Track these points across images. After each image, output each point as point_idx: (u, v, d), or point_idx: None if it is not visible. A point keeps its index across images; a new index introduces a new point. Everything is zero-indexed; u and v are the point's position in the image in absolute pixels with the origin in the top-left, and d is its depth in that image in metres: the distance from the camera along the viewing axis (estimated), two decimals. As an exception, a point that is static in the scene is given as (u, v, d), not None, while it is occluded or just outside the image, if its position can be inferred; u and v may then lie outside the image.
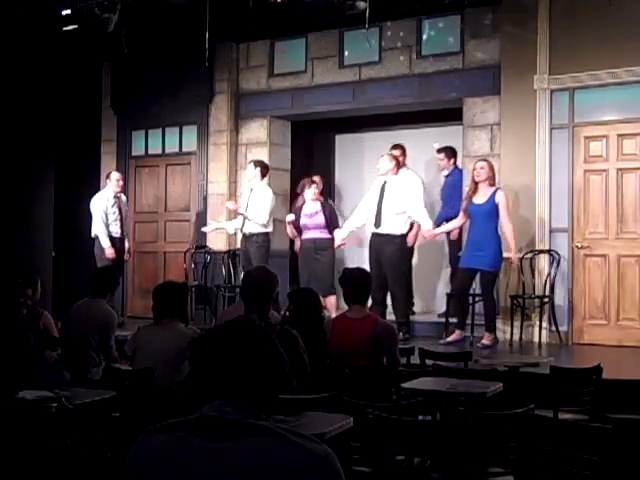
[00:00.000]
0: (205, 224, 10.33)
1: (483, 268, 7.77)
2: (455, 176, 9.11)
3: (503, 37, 8.70)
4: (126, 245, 9.97)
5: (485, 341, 7.77)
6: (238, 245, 10.31)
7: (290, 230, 9.12)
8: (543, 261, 8.36)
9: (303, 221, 8.82)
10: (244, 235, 9.17)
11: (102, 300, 6.23)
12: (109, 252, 9.50)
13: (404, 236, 8.22)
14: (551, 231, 8.37)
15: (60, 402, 3.89)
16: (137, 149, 11.22)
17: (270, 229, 9.14)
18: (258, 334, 1.93)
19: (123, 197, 9.99)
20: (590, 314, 8.19)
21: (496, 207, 7.76)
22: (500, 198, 7.77)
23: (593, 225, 8.24)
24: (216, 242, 10.33)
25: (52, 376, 5.26)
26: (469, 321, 8.23)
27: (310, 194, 8.93)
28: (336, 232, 8.59)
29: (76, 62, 10.54)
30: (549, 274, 8.26)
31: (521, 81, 8.46)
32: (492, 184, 7.89)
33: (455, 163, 9.25)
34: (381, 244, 8.17)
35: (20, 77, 10.23)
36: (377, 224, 8.23)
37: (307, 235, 8.82)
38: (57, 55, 10.11)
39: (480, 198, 7.83)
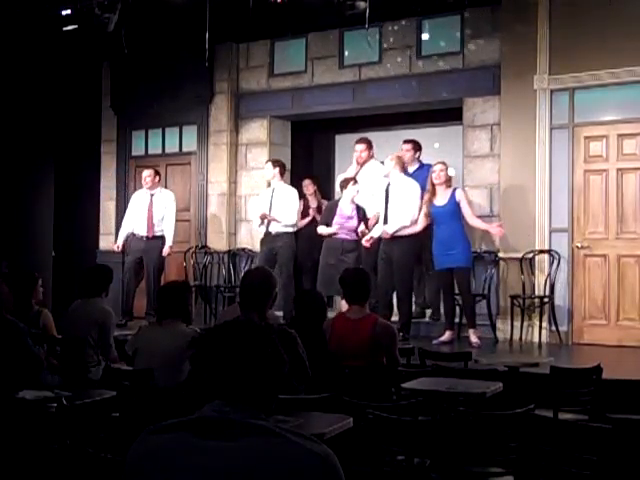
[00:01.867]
0: (205, 224, 10.36)
1: (457, 265, 7.82)
2: (424, 173, 8.62)
3: (503, 37, 8.70)
4: (166, 245, 9.51)
5: (473, 339, 7.75)
6: (238, 245, 10.32)
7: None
8: (543, 261, 8.36)
9: (337, 220, 8.42)
10: (269, 234, 8.92)
11: (98, 299, 6.21)
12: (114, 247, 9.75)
13: (413, 236, 8.16)
14: (551, 231, 8.37)
15: (60, 402, 3.89)
16: (137, 149, 11.22)
17: (296, 229, 9.07)
18: (258, 334, 1.93)
19: (162, 194, 9.71)
20: (590, 314, 8.19)
21: (458, 206, 7.85)
22: (460, 196, 7.89)
23: (593, 225, 8.24)
24: (216, 242, 10.34)
25: (44, 378, 5.27)
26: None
27: (351, 193, 8.48)
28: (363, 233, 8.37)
29: (76, 62, 10.54)
30: (549, 274, 8.26)
31: (521, 81, 8.46)
32: (449, 185, 7.96)
33: (419, 158, 8.94)
34: (391, 245, 8.13)
35: (20, 77, 10.24)
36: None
37: (335, 235, 8.46)
38: (57, 55, 10.12)
39: (441, 200, 7.89)
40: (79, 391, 4.32)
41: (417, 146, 8.88)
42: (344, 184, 8.60)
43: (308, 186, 9.69)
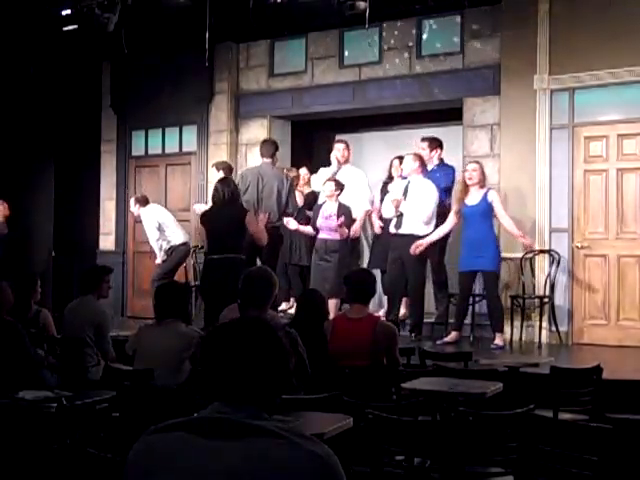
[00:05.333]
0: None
1: (485, 269, 7.73)
2: (439, 172, 8.64)
3: (503, 37, 8.71)
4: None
5: (498, 342, 7.71)
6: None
7: (300, 228, 8.80)
8: (543, 261, 8.36)
9: (319, 222, 8.50)
10: None
11: (92, 298, 6.21)
12: None
13: (424, 237, 8.10)
14: (551, 231, 8.37)
15: (60, 402, 3.89)
16: (137, 149, 11.22)
17: None
18: (264, 331, 1.93)
19: (144, 215, 9.76)
20: (590, 314, 8.19)
21: (490, 206, 7.72)
22: (493, 196, 7.74)
23: (593, 225, 8.24)
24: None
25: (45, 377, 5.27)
26: (469, 321, 8.22)
27: (327, 191, 8.57)
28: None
29: (76, 62, 10.54)
30: (549, 274, 8.25)
31: (521, 81, 8.46)
32: (482, 186, 7.83)
33: (440, 157, 8.80)
34: (404, 245, 8.01)
35: (20, 77, 10.24)
36: (398, 225, 8.14)
37: (320, 235, 8.54)
38: (57, 55, 10.12)
39: (472, 199, 7.80)
40: (79, 391, 4.32)
41: (433, 145, 8.72)
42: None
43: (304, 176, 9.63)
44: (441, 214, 8.16)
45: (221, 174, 9.10)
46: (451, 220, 7.96)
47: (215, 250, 7.19)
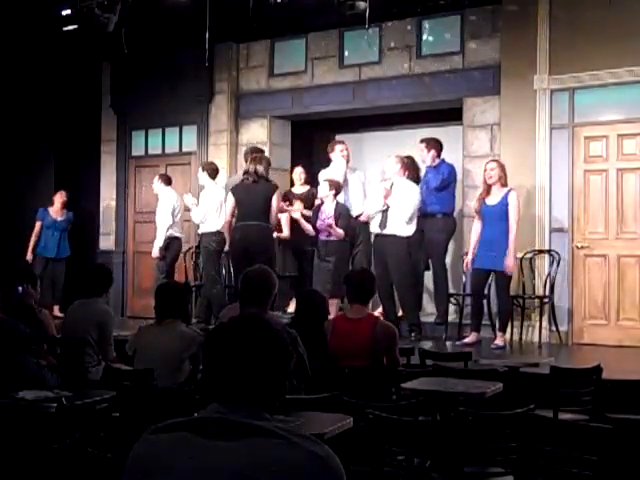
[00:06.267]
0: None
1: (497, 268, 7.74)
2: (437, 169, 8.63)
3: (503, 37, 8.71)
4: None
5: (498, 342, 7.72)
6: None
7: (301, 221, 8.88)
8: (543, 261, 8.36)
9: (318, 224, 8.53)
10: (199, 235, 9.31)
11: (98, 299, 6.18)
12: None
13: (409, 238, 8.17)
14: (551, 231, 8.37)
15: (60, 402, 3.89)
16: (137, 149, 11.22)
17: (211, 229, 9.03)
18: (264, 328, 1.92)
19: (161, 194, 9.71)
20: (590, 314, 8.19)
21: (507, 208, 7.70)
22: (511, 200, 7.72)
23: (593, 225, 8.24)
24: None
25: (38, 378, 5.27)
26: (469, 321, 8.21)
27: (323, 192, 8.60)
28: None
29: (76, 62, 10.54)
30: (549, 274, 8.25)
31: (521, 81, 8.46)
32: (504, 184, 7.85)
33: (439, 156, 8.74)
34: (386, 246, 8.13)
35: (20, 77, 10.24)
36: (382, 226, 8.20)
37: (320, 236, 8.55)
38: (57, 55, 10.12)
39: (493, 199, 7.80)
40: (79, 391, 4.32)
41: (429, 145, 8.69)
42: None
43: (299, 174, 9.62)
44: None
45: (205, 175, 9.24)
46: (476, 221, 7.96)
47: (245, 218, 7.94)
